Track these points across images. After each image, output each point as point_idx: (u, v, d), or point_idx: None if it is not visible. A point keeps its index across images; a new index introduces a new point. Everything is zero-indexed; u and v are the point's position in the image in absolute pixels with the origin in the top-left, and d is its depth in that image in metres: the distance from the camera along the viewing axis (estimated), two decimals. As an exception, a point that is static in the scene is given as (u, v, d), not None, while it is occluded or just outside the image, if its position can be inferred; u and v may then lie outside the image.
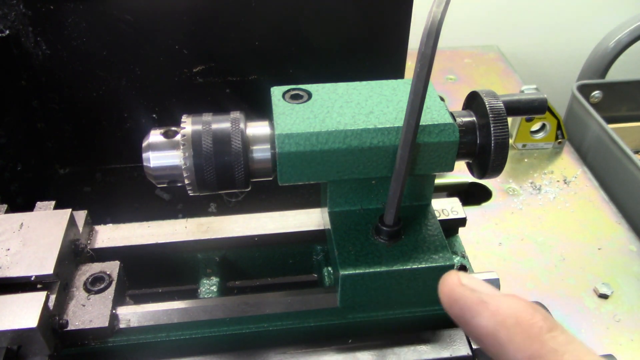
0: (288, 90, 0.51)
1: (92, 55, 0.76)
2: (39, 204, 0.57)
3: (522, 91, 1.06)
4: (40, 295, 0.47)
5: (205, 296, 0.60)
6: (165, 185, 0.49)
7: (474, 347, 0.52)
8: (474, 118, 0.50)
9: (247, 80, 0.81)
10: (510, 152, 0.98)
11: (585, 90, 1.06)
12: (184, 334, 0.52)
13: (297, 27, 0.77)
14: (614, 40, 1.17)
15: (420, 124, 0.47)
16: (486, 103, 0.49)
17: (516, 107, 0.51)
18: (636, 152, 0.93)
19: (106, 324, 0.49)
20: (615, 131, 0.94)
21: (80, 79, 0.79)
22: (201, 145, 0.46)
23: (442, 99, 0.51)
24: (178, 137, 0.47)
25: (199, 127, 0.47)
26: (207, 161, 0.46)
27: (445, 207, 0.63)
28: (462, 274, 0.36)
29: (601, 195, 0.91)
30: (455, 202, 0.64)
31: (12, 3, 0.72)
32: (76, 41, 0.75)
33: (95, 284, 0.53)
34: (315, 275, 0.65)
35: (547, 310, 0.53)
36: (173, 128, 0.48)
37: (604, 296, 0.74)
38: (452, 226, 0.63)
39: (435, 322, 0.54)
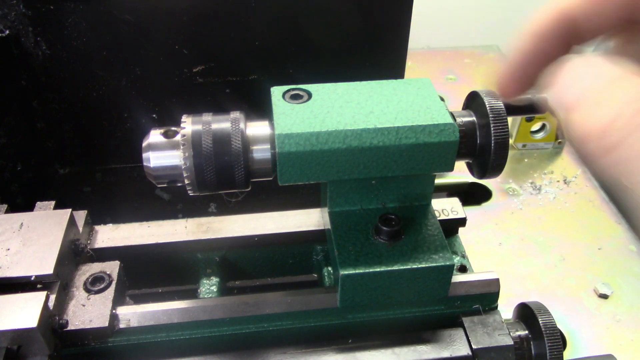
0: (288, 90, 0.51)
1: (92, 55, 0.76)
2: (39, 204, 0.57)
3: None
4: (40, 295, 0.47)
5: (205, 296, 0.60)
6: (165, 185, 0.49)
7: (474, 347, 0.52)
8: (474, 118, 0.50)
9: (247, 80, 0.81)
10: (510, 152, 0.98)
11: (585, 90, 1.06)
12: (184, 334, 0.52)
13: (297, 27, 0.77)
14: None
15: (420, 123, 0.47)
16: (486, 103, 0.48)
17: (516, 107, 0.51)
18: (636, 152, 0.92)
19: (106, 324, 0.49)
20: (615, 131, 0.93)
21: (80, 79, 0.79)
22: (201, 145, 0.46)
23: (442, 99, 0.51)
24: (178, 137, 0.47)
25: (199, 127, 0.47)
26: (207, 161, 0.46)
27: (445, 207, 0.63)
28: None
29: (601, 195, 0.91)
30: (455, 202, 0.64)
31: (12, 3, 0.72)
32: (76, 41, 0.75)
33: (95, 284, 0.53)
34: (315, 275, 0.65)
35: (547, 311, 0.54)
36: (173, 128, 0.48)
37: (604, 296, 0.74)
38: (452, 226, 0.63)
39: (435, 322, 0.54)
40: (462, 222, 0.63)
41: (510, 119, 0.50)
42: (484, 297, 0.55)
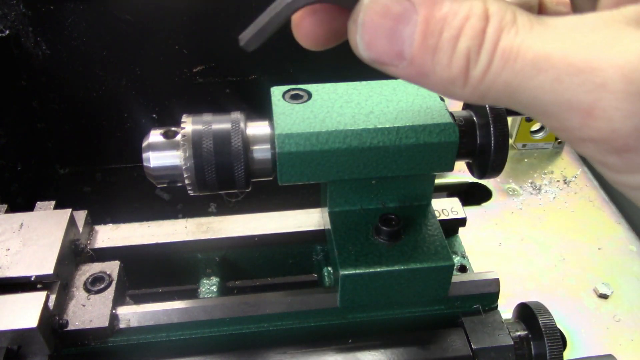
0: (288, 90, 0.51)
1: (92, 55, 0.76)
2: (39, 204, 0.57)
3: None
4: (40, 295, 0.47)
5: (205, 296, 0.60)
6: (165, 185, 0.49)
7: (474, 347, 0.52)
8: (474, 118, 0.50)
9: (247, 80, 0.81)
10: (510, 152, 0.98)
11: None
12: (184, 334, 0.52)
13: (297, 27, 0.77)
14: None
15: (420, 123, 0.47)
16: (486, 103, 0.49)
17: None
18: (636, 152, 0.92)
19: (106, 324, 0.49)
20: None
21: (80, 79, 0.79)
22: (201, 145, 0.46)
23: (442, 99, 0.51)
24: (178, 137, 0.47)
25: (199, 127, 0.47)
26: (207, 161, 0.46)
27: (445, 207, 0.63)
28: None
29: (601, 195, 0.91)
30: (455, 202, 0.64)
31: (12, 3, 0.72)
32: (76, 41, 0.75)
33: (95, 284, 0.53)
34: (315, 275, 0.65)
35: (547, 311, 0.54)
36: (173, 128, 0.48)
37: (604, 296, 0.74)
38: (452, 226, 0.63)
39: (435, 322, 0.54)
40: (462, 222, 0.63)
41: (510, 119, 0.50)
42: (484, 297, 0.55)
